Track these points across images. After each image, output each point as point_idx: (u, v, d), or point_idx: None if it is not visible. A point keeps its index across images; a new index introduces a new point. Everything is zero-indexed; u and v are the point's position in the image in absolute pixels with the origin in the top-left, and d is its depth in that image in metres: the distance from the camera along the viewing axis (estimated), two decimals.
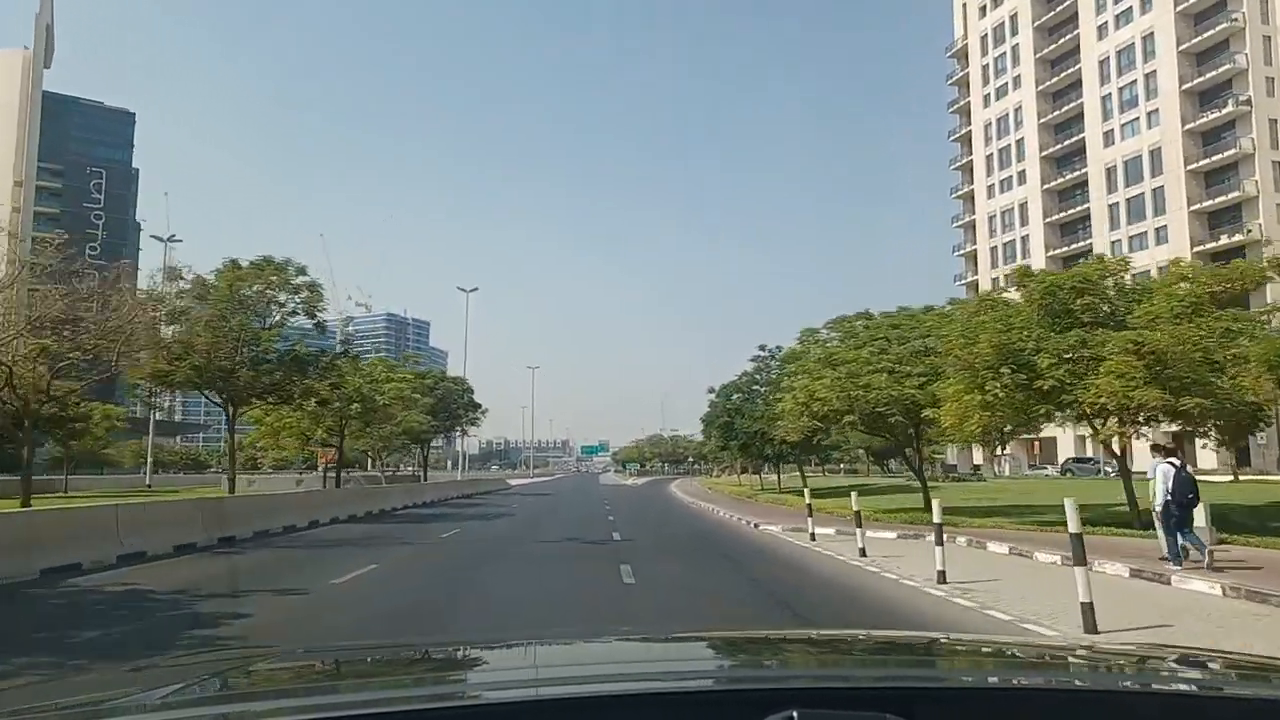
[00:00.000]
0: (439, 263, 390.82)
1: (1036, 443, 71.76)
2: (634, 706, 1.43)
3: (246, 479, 53.59)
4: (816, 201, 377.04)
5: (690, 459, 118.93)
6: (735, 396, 41.85)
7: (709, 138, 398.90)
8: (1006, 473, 54.91)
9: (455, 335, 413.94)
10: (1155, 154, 71.35)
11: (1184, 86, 68.94)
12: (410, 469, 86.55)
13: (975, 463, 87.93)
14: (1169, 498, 11.98)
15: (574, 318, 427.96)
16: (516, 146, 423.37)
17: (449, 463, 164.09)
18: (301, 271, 25.10)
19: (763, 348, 41.36)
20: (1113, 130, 75.74)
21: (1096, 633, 8.06)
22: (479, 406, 53.15)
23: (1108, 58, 76.26)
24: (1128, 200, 73.78)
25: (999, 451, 60.95)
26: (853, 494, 18.36)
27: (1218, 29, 67.18)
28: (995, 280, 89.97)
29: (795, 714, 1.22)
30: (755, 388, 41.47)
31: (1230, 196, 66.09)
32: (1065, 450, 76.28)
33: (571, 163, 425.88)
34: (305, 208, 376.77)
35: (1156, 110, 71.28)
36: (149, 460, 53.67)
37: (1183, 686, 1.71)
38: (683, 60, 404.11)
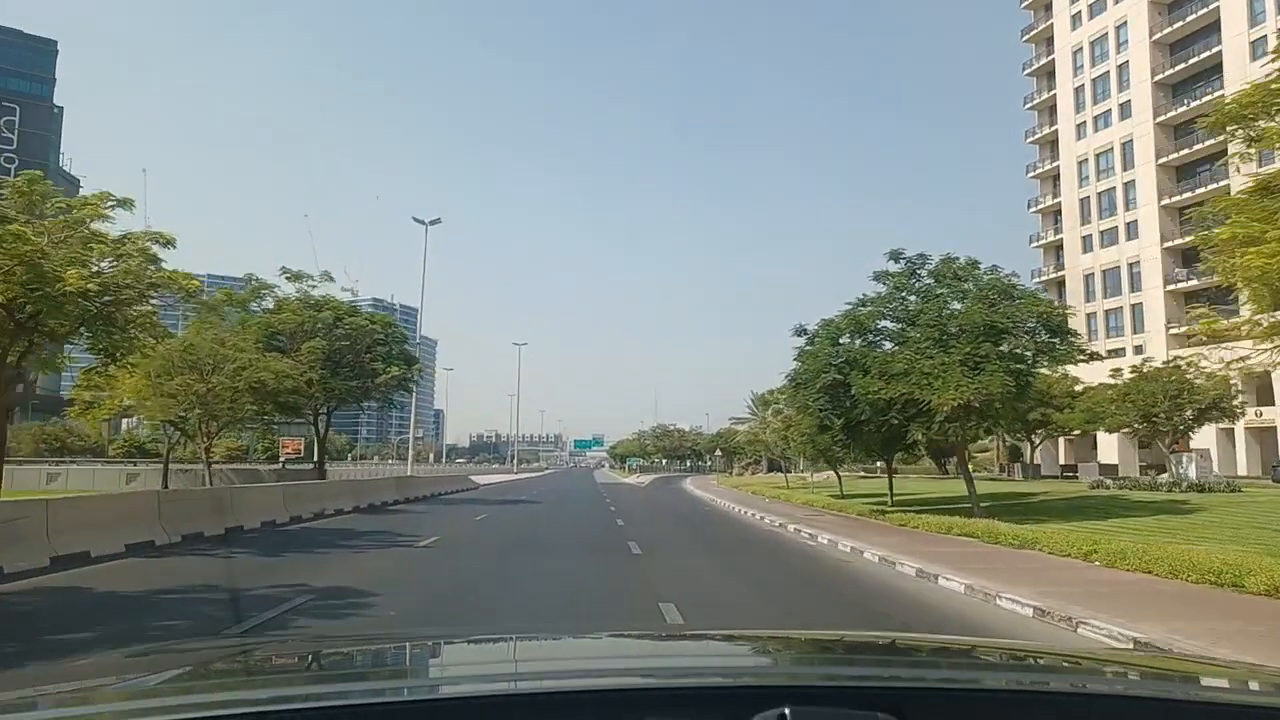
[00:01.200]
0: (433, 253, 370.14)
1: (1179, 439, 53.49)
2: (625, 703, 1.38)
3: (49, 471, 34.73)
4: (838, 188, 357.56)
5: (715, 452, 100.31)
6: (844, 340, 23.07)
7: (712, 124, 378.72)
8: (1192, 475, 36.74)
9: (449, 325, 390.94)
10: None
11: None
12: (380, 461, 67.62)
13: (1062, 461, 69.79)
14: None
15: (572, 313, 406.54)
16: (519, 135, 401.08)
17: (431, 456, 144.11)
18: None
19: (896, 256, 22.74)
20: (1264, 38, 57.36)
21: None
22: (415, 361, 33.81)
23: None
24: None
25: (1175, 446, 42.70)
26: None
27: None
28: (1086, 237, 72.22)
29: (787, 711, 1.19)
30: (884, 322, 22.76)
31: None
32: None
33: (572, 151, 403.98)
34: (293, 188, 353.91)
35: None
36: None
37: (1176, 691, 1.66)
38: (694, 36, 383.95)
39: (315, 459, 34.07)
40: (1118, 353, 60.38)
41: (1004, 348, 20.68)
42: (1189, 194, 61.08)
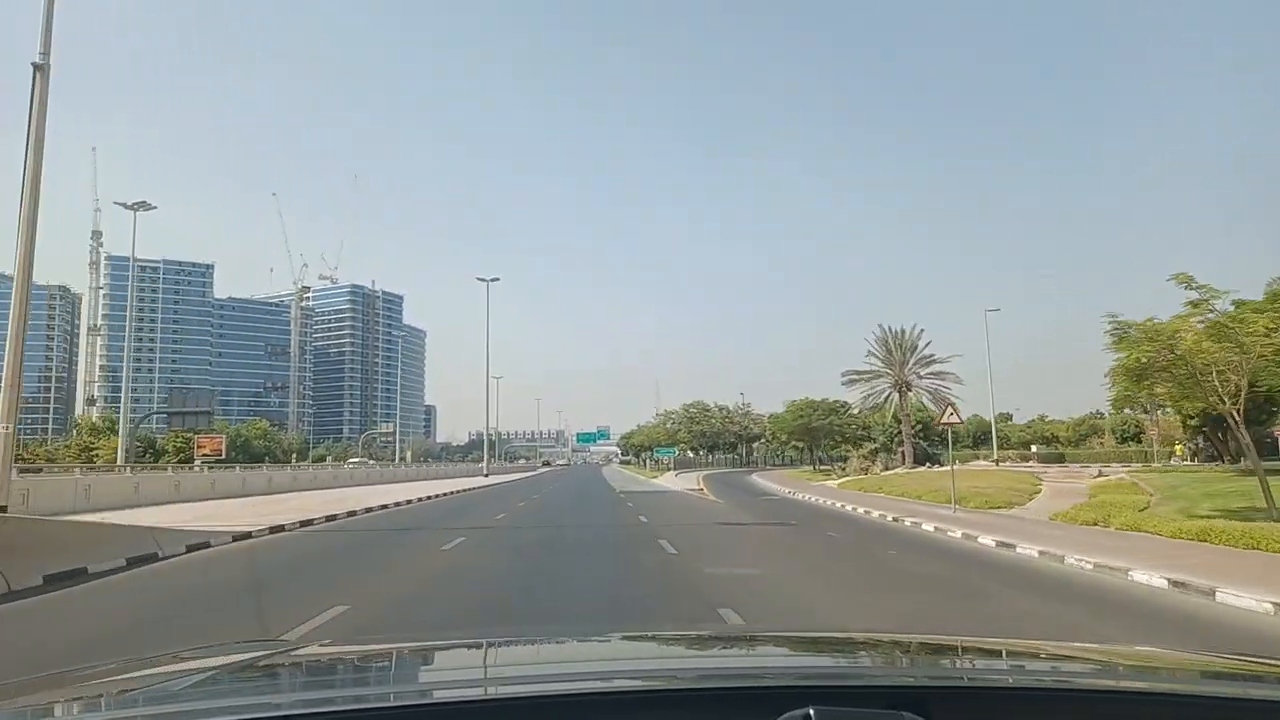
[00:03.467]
0: (420, 238, 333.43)
1: None
2: (649, 705, 1.37)
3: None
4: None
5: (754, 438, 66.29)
6: None
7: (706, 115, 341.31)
8: None
9: (436, 313, 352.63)
10: None
11: None
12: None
13: None
14: None
15: (570, 308, 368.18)
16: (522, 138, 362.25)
17: (409, 455, 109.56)
18: None
19: None
20: None
21: None
22: None
23: None
24: None
25: None
26: None
27: None
28: None
29: (811, 711, 1.17)
30: None
31: None
32: None
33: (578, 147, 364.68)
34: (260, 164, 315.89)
35: None
36: None
37: (1204, 687, 1.61)
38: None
39: None
40: None
41: None
42: None
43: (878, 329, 44.52)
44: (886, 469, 41.87)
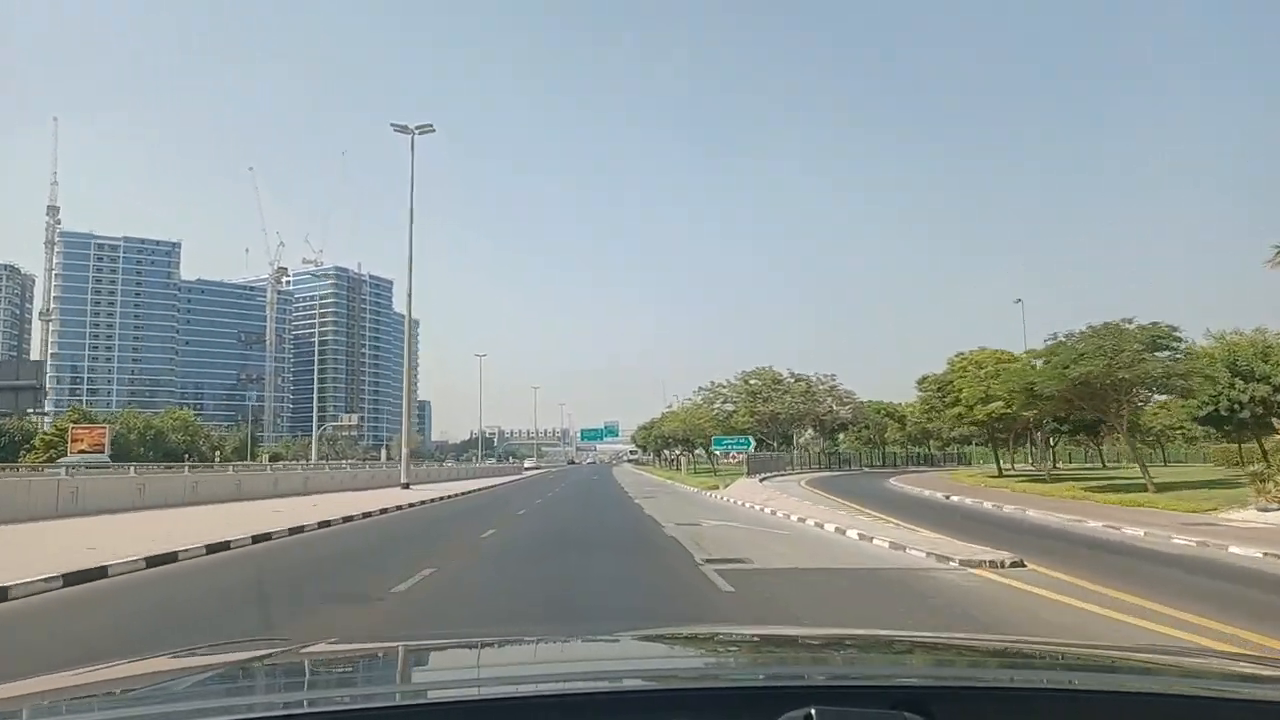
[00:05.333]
0: (419, 237, 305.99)
1: None
2: (650, 705, 1.34)
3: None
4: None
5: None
6: None
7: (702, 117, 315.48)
8: None
9: (437, 311, 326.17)
10: None
11: None
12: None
13: None
14: None
15: (570, 305, 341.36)
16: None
17: (312, 456, 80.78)
18: None
19: None
20: None
21: None
22: None
23: None
24: None
25: None
26: None
27: None
28: None
29: (813, 711, 1.15)
30: None
31: None
32: None
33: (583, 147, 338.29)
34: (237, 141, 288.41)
35: None
36: None
37: (1200, 688, 1.55)
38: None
39: None
40: None
41: None
42: None
43: None
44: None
